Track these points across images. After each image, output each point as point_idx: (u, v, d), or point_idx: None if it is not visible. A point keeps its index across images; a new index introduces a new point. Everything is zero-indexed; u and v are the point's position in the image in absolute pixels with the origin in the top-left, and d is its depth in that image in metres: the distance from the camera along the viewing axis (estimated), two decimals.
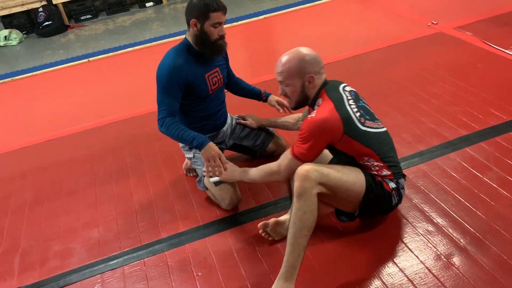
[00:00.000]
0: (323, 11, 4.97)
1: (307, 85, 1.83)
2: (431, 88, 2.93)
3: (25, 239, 2.30)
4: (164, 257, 2.02)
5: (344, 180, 1.73)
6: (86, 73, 4.55)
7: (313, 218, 1.67)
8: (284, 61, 1.83)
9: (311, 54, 1.83)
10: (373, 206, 1.84)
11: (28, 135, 3.41)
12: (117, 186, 2.58)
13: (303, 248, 1.66)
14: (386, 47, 3.67)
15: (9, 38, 5.86)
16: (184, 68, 2.08)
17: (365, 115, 1.82)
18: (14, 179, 2.86)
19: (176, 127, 2.04)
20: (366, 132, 1.79)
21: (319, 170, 1.68)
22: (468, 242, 1.80)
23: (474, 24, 3.74)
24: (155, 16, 6.00)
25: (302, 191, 1.65)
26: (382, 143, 1.83)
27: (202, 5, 2.00)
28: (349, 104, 1.79)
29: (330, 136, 1.76)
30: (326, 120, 1.73)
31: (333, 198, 1.76)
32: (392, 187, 1.83)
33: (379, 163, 1.81)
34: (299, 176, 1.67)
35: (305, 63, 1.81)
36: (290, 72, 1.82)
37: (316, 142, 1.76)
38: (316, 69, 1.82)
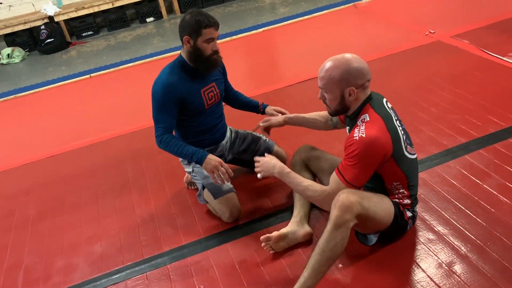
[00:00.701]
0: (322, 22, 5.01)
1: (347, 97, 1.70)
2: (430, 97, 2.95)
3: (29, 255, 2.32)
4: (167, 271, 2.03)
5: (379, 214, 1.70)
6: (88, 88, 4.59)
7: (342, 249, 1.63)
8: (327, 67, 1.70)
9: (357, 66, 1.67)
10: (393, 233, 1.85)
11: (31, 151, 3.44)
12: (120, 201, 2.59)
13: (322, 275, 1.64)
14: (384, 57, 3.70)
15: (12, 56, 5.93)
16: (178, 85, 2.11)
17: (407, 139, 1.75)
18: (18, 195, 2.88)
19: (175, 144, 2.09)
20: (407, 157, 1.72)
21: (361, 204, 1.61)
22: (469, 250, 1.80)
23: (471, 32, 3.77)
24: (156, 31, 6.07)
25: (342, 222, 1.58)
26: (413, 170, 1.79)
27: (193, 22, 2.03)
28: (397, 124, 1.70)
29: (381, 157, 1.64)
30: (377, 138, 1.61)
31: (362, 225, 1.72)
32: (409, 216, 1.84)
33: (404, 191, 1.79)
34: (342, 205, 1.58)
35: (348, 74, 1.66)
36: (331, 81, 1.69)
37: (369, 164, 1.63)
38: (360, 82, 1.68)
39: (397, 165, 1.70)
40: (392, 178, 1.75)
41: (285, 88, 3.56)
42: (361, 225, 1.71)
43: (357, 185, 1.66)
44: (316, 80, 1.69)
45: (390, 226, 1.77)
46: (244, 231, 2.16)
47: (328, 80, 1.70)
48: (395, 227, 1.80)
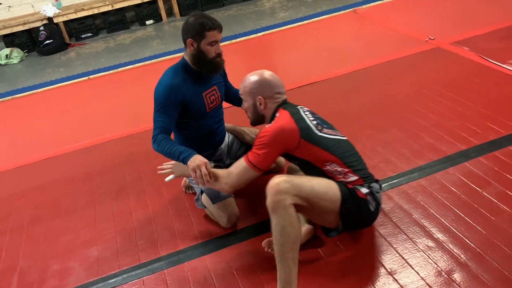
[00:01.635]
0: (321, 28, 5.02)
1: (258, 106, 1.97)
2: (429, 103, 2.94)
3: (24, 259, 2.29)
4: (163, 276, 2.01)
5: (316, 189, 1.73)
6: (86, 90, 4.57)
7: (295, 230, 1.65)
8: (244, 79, 2.00)
9: (265, 79, 1.96)
10: (353, 216, 1.81)
11: (28, 153, 3.41)
12: (116, 204, 2.57)
13: (292, 261, 1.65)
14: (384, 63, 3.69)
15: (10, 57, 5.92)
16: (181, 87, 2.09)
17: (322, 124, 1.90)
18: (13, 198, 2.85)
19: (166, 143, 2.04)
20: (324, 137, 1.84)
21: (289, 181, 1.68)
22: (468, 258, 1.79)
23: (471, 39, 3.77)
24: (155, 34, 6.06)
25: (276, 205, 1.65)
26: (343, 149, 1.86)
27: (197, 24, 2.03)
28: (305, 114, 1.89)
29: (286, 142, 1.82)
30: (282, 126, 1.82)
31: (310, 210, 1.75)
32: (365, 193, 1.81)
33: (343, 168, 1.82)
34: (270, 189, 1.67)
35: (257, 85, 1.95)
36: (244, 90, 1.99)
37: (273, 149, 1.82)
38: (268, 93, 1.95)
39: (313, 145, 1.82)
40: (319, 159, 1.83)
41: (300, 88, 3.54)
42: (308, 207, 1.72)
43: (259, 167, 1.83)
44: (313, 85, 1.84)
45: (344, 205, 1.75)
46: (242, 236, 2.14)
47: (243, 90, 2.00)
48: (353, 205, 1.77)
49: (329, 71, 3.72)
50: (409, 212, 2.07)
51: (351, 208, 1.78)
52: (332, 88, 3.47)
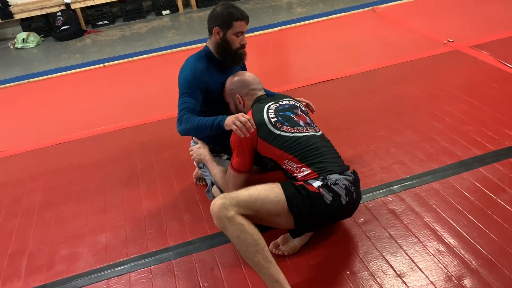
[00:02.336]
0: (338, 25, 4.98)
1: (238, 105, 2.12)
2: (445, 107, 2.91)
3: (33, 242, 2.31)
4: (171, 266, 2.01)
5: (255, 194, 1.72)
6: (101, 78, 4.59)
7: (249, 234, 1.65)
8: (228, 80, 2.15)
9: (240, 78, 2.11)
10: (305, 212, 1.75)
11: (41, 137, 3.44)
12: (127, 193, 2.58)
13: (264, 261, 1.64)
14: (400, 64, 3.65)
15: (26, 41, 5.95)
16: (204, 73, 2.10)
17: (284, 122, 1.95)
18: (25, 181, 2.87)
19: (195, 118, 1.99)
20: (280, 135, 1.90)
21: (224, 196, 1.71)
22: (480, 264, 1.77)
23: (491, 43, 3.72)
24: (171, 24, 6.06)
25: (220, 221, 1.69)
26: (300, 146, 1.88)
27: (226, 14, 2.03)
28: (267, 112, 1.97)
29: (247, 141, 1.93)
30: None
31: (258, 216, 1.73)
32: (317, 186, 1.76)
33: (298, 164, 1.85)
34: (211, 211, 1.71)
35: (234, 85, 2.11)
36: (225, 92, 2.15)
37: (241, 150, 1.96)
38: (243, 91, 2.09)
39: (270, 144, 1.90)
40: (277, 156, 1.92)
41: (296, 89, 3.52)
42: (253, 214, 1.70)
43: (240, 169, 2.00)
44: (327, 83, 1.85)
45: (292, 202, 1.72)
46: None
47: (224, 92, 2.16)
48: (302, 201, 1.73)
49: (344, 69, 3.69)
50: (420, 215, 2.05)
51: (300, 205, 1.73)
52: (347, 87, 3.44)
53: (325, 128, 2.80)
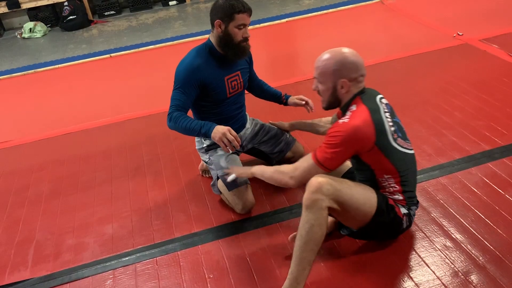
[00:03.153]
0: (347, 17, 4.93)
1: (339, 89, 1.74)
2: (454, 101, 2.88)
3: (40, 231, 2.32)
4: (177, 257, 2.02)
5: (356, 198, 1.67)
6: (107, 68, 4.59)
7: (321, 232, 1.62)
8: (324, 58, 1.75)
9: (352, 59, 1.72)
10: (380, 229, 1.78)
11: (48, 127, 3.45)
12: (133, 183, 2.58)
13: (308, 263, 1.63)
14: (409, 57, 3.62)
15: (33, 31, 5.95)
16: (202, 68, 2.07)
17: (398, 132, 1.74)
18: (32, 170, 2.89)
19: (183, 119, 2.01)
20: (396, 149, 1.71)
21: (332, 184, 1.61)
22: (487, 260, 1.75)
23: (501, 36, 3.67)
24: (178, 15, 6.03)
25: (312, 203, 1.60)
26: (406, 166, 1.76)
27: (227, 6, 2.00)
28: (384, 115, 1.71)
29: (360, 145, 1.66)
30: (358, 127, 1.63)
31: (341, 214, 1.71)
32: (403, 213, 1.79)
33: (396, 185, 1.75)
34: (311, 187, 1.61)
35: (341, 66, 1.71)
36: (324, 71, 1.74)
37: (345, 149, 1.65)
38: (353, 75, 1.72)
39: (384, 155, 1.69)
40: (381, 169, 1.73)
41: (304, 81, 3.51)
42: (340, 211, 1.68)
43: (326, 166, 1.67)
44: None
45: (376, 217, 1.70)
46: (256, 223, 2.14)
47: (321, 70, 1.76)
48: (385, 221, 1.73)
49: None
50: (427, 210, 2.04)
51: (382, 222, 1.74)
52: None
53: None
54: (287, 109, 2.54)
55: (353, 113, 1.68)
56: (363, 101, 1.72)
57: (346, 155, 1.68)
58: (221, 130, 1.94)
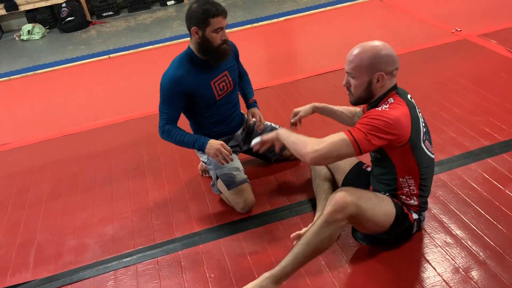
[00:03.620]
0: (345, 14, 4.93)
1: (374, 83, 1.66)
2: (453, 97, 2.87)
3: (41, 233, 2.33)
4: (178, 257, 2.02)
5: (376, 216, 1.67)
6: (106, 69, 4.59)
7: (329, 245, 1.64)
8: (358, 51, 1.66)
9: (388, 52, 1.66)
10: (394, 237, 1.81)
11: (47, 129, 3.45)
12: (133, 184, 2.59)
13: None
14: (408, 53, 3.61)
15: (32, 32, 5.95)
16: (185, 78, 2.07)
17: (427, 134, 1.73)
18: (32, 172, 2.89)
19: (176, 133, 2.08)
20: (423, 150, 1.69)
21: (357, 205, 1.59)
22: (488, 256, 1.75)
23: (499, 32, 3.67)
24: (176, 15, 6.03)
25: (332, 220, 1.58)
26: (428, 170, 1.75)
27: (201, 11, 1.97)
28: (420, 115, 1.70)
29: (397, 136, 1.59)
30: (400, 117, 1.59)
31: (358, 225, 1.73)
32: (414, 218, 1.80)
33: (414, 188, 1.75)
34: (336, 203, 1.57)
35: (379, 59, 1.64)
36: (360, 65, 1.65)
37: (382, 136, 1.57)
38: (390, 68, 1.66)
39: (413, 154, 1.66)
40: (405, 169, 1.71)
41: (303, 80, 3.50)
42: (357, 225, 1.72)
43: (361, 146, 1.56)
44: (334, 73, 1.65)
45: (393, 228, 1.73)
46: (257, 222, 2.14)
47: (357, 64, 1.66)
48: (399, 229, 1.76)
49: None
50: (428, 207, 2.03)
51: (397, 231, 1.76)
52: None
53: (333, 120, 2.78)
54: (284, 107, 2.54)
55: (392, 105, 1.63)
56: (400, 96, 1.69)
57: (381, 142, 1.59)
58: (215, 146, 2.00)
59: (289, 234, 1.97)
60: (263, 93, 3.37)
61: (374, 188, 1.84)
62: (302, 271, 1.78)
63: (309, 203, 2.18)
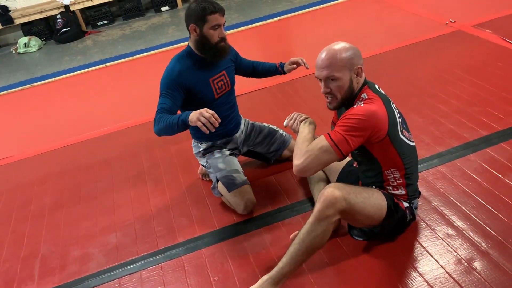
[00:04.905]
0: (339, 11, 4.93)
1: (354, 78, 1.69)
2: (450, 88, 2.87)
3: (45, 244, 2.34)
4: (181, 262, 2.03)
5: (367, 209, 1.68)
6: (104, 78, 4.60)
7: (323, 241, 1.65)
8: (332, 53, 1.68)
9: (353, 46, 1.70)
10: (389, 228, 1.81)
11: (47, 140, 3.46)
12: (135, 191, 2.60)
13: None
14: (403, 47, 3.62)
15: (28, 45, 5.98)
16: (184, 73, 2.08)
17: (403, 124, 1.75)
18: (34, 184, 2.90)
19: (163, 118, 1.95)
20: (403, 141, 1.71)
21: (347, 199, 1.61)
22: (490, 246, 1.76)
23: (493, 21, 3.66)
24: (171, 20, 6.04)
25: (323, 217, 1.60)
26: (411, 158, 1.76)
27: (199, 9, 2.01)
28: (393, 106, 1.73)
29: (375, 131, 1.62)
30: (376, 112, 1.61)
31: (351, 220, 1.75)
32: (405, 206, 1.81)
33: (400, 179, 1.76)
34: (325, 200, 1.59)
35: (353, 53, 1.67)
36: (339, 63, 1.66)
37: (361, 134, 1.60)
38: (361, 61, 1.70)
39: (393, 147, 1.68)
40: (388, 162, 1.73)
41: (300, 79, 3.51)
42: (350, 219, 1.73)
43: (341, 149, 1.60)
44: None
45: (386, 220, 1.74)
46: (258, 223, 2.14)
47: (337, 64, 1.67)
48: (393, 220, 1.76)
49: None
50: (428, 200, 2.04)
51: (391, 222, 1.77)
52: None
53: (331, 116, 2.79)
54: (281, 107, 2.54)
55: (367, 101, 1.66)
56: (372, 90, 1.71)
57: (361, 139, 1.62)
58: (197, 112, 1.84)
59: (291, 233, 1.97)
60: (260, 94, 3.38)
61: (363, 183, 1.86)
62: (305, 268, 1.80)
63: (310, 202, 2.19)
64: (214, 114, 1.81)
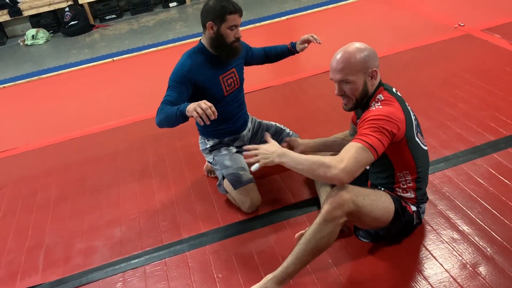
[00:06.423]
0: (347, 12, 4.92)
1: (369, 81, 1.69)
2: (458, 92, 2.87)
3: (50, 236, 2.34)
4: (185, 258, 2.03)
5: (375, 212, 1.68)
6: (111, 72, 4.61)
7: (330, 243, 1.64)
8: (346, 55, 1.67)
9: (370, 48, 1.70)
10: (395, 231, 1.81)
11: (54, 133, 3.47)
12: (140, 185, 2.60)
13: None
14: (412, 49, 3.61)
15: (36, 37, 5.99)
16: (194, 69, 2.08)
17: (418, 127, 1.75)
18: (40, 176, 2.91)
19: (165, 109, 1.93)
20: (418, 143, 1.72)
21: (355, 202, 1.60)
22: (495, 251, 1.75)
23: (503, 26, 3.65)
24: (179, 16, 6.04)
25: (331, 218, 1.59)
26: (423, 162, 1.76)
27: (219, 7, 2.01)
28: (409, 107, 1.73)
29: (396, 131, 1.59)
30: (395, 112, 1.62)
31: (357, 222, 1.75)
32: (413, 210, 1.81)
33: (411, 182, 1.76)
34: (333, 201, 1.59)
35: (368, 56, 1.67)
36: (353, 67, 1.66)
37: (387, 133, 1.57)
38: (377, 63, 1.70)
39: (408, 149, 1.68)
40: (402, 164, 1.73)
41: (307, 78, 3.51)
42: (357, 221, 1.73)
43: (378, 149, 1.55)
44: None
45: (393, 223, 1.73)
46: (263, 221, 2.14)
47: (351, 68, 1.67)
48: (399, 223, 1.76)
49: None
50: (434, 203, 2.04)
51: (397, 225, 1.76)
52: None
53: (338, 116, 2.79)
54: (289, 106, 2.54)
55: (384, 102, 1.66)
56: (388, 91, 1.72)
57: (388, 139, 1.58)
58: (195, 103, 1.81)
59: (296, 232, 1.98)
60: (267, 92, 3.38)
61: (373, 183, 1.86)
62: (309, 268, 1.80)
63: (316, 202, 2.19)
64: (211, 106, 1.79)
